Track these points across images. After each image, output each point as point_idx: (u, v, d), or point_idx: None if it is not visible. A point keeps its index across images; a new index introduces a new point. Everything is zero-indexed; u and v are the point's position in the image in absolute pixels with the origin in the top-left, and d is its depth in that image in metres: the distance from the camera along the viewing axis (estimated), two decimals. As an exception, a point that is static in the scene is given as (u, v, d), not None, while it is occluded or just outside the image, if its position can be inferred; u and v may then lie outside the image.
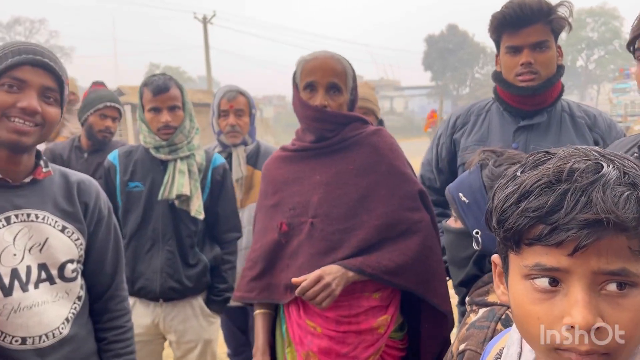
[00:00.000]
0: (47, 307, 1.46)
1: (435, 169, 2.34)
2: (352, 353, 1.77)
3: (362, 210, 1.81)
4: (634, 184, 0.68)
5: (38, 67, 1.39)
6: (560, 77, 2.05)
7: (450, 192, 1.41)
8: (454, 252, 1.40)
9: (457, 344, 1.21)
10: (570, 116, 2.08)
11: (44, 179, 1.51)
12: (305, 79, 1.84)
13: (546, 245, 0.69)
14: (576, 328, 0.67)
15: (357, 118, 1.92)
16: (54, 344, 1.47)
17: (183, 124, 2.42)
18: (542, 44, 1.98)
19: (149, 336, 2.47)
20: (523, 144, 2.03)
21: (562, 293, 0.70)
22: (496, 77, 2.13)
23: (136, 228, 2.40)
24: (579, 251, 0.67)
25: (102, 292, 1.66)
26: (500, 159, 1.34)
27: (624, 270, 0.67)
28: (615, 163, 0.71)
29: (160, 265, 2.38)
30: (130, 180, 2.43)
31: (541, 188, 0.70)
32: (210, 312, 2.52)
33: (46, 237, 1.47)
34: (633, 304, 0.68)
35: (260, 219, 1.98)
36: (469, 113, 2.25)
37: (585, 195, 0.67)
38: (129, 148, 2.55)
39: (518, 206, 0.71)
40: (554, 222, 0.67)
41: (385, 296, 1.84)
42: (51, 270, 1.48)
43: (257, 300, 1.91)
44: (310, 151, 1.90)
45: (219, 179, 2.52)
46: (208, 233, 2.54)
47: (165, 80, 2.40)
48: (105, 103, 3.26)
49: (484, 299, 1.27)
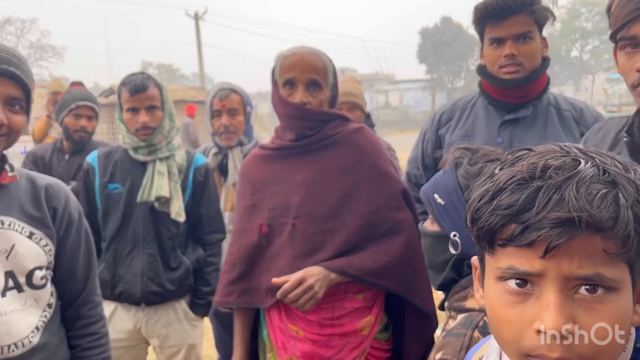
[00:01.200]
0: (15, 315, 1.42)
1: (421, 165, 2.30)
2: (337, 356, 1.73)
3: (345, 211, 1.76)
4: (614, 183, 0.64)
5: (3, 77, 1.35)
6: (545, 69, 2.01)
7: (426, 193, 1.35)
8: (431, 255, 1.36)
9: (434, 353, 1.17)
10: (556, 109, 2.04)
11: (9, 183, 1.47)
12: (284, 75, 1.79)
13: (518, 246, 0.66)
14: (547, 333, 0.64)
15: (339, 115, 1.87)
16: (24, 354, 1.43)
17: (162, 124, 2.36)
18: (525, 34, 1.94)
19: (131, 341, 2.42)
20: (508, 139, 1.98)
21: (534, 296, 0.67)
22: (480, 70, 2.10)
23: (116, 231, 2.34)
24: (551, 252, 0.63)
25: (74, 298, 1.61)
26: (475, 156, 1.29)
27: (598, 275, 0.63)
28: (596, 160, 0.67)
29: (141, 269, 2.32)
30: (109, 182, 2.38)
31: (514, 185, 0.66)
32: (194, 315, 2.47)
33: (12, 244, 1.42)
34: (609, 310, 0.64)
35: (238, 220, 1.91)
36: (454, 108, 2.21)
37: (558, 193, 0.63)
38: (109, 149, 2.48)
39: (490, 204, 0.68)
40: (525, 221, 0.64)
41: (369, 297, 1.80)
42: (19, 278, 1.44)
43: (236, 304, 1.85)
44: (290, 150, 1.85)
45: (200, 179, 2.46)
46: (191, 235, 2.49)
47: (143, 79, 2.33)
48: (77, 102, 3.21)
49: (462, 304, 1.23)
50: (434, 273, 1.36)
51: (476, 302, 1.19)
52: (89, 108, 3.25)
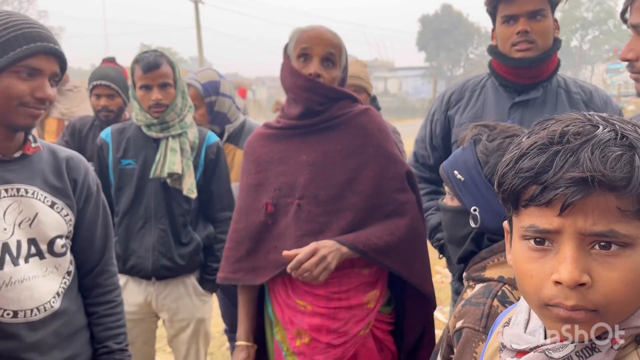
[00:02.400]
0: (37, 281, 1.47)
1: (429, 145, 2.31)
2: (343, 328, 1.78)
3: (350, 192, 1.79)
4: (631, 146, 0.69)
5: (50, 55, 1.41)
6: (556, 50, 2.03)
7: (445, 170, 1.38)
8: (451, 230, 1.38)
9: (454, 320, 1.20)
10: (566, 92, 2.06)
11: (33, 154, 1.51)
12: (300, 46, 1.80)
13: (538, 205, 0.71)
14: (563, 284, 0.70)
15: (348, 95, 1.89)
16: (45, 318, 1.48)
17: (175, 101, 2.39)
18: (538, 12, 1.95)
19: (141, 314, 2.46)
20: (518, 120, 1.99)
21: (553, 252, 0.73)
22: (492, 51, 2.10)
23: (129, 206, 2.38)
24: (567, 209, 0.69)
25: (91, 267, 1.66)
26: (493, 132, 1.31)
27: (611, 232, 0.68)
28: (616, 127, 0.71)
29: (153, 244, 2.36)
30: (122, 157, 2.40)
31: (536, 150, 0.72)
32: (203, 291, 2.52)
33: (36, 212, 1.47)
34: (624, 264, 0.69)
35: (242, 197, 1.94)
36: (464, 89, 2.22)
37: (574, 156, 0.69)
38: (122, 125, 2.51)
39: (514, 168, 0.74)
40: (543, 181, 0.70)
41: (373, 272, 1.84)
42: (41, 245, 1.48)
43: (242, 282, 1.89)
44: (296, 129, 1.86)
45: (212, 157, 2.49)
46: (202, 212, 2.52)
47: (156, 56, 2.36)
48: (93, 83, 3.21)
49: (481, 274, 1.26)
50: (453, 247, 1.39)
51: (494, 272, 1.23)
52: (106, 87, 3.23)
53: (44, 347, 1.48)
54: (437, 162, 2.28)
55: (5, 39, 1.35)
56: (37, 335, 1.46)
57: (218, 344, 3.93)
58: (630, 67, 1.42)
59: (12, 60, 1.34)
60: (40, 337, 1.47)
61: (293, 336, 1.80)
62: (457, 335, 1.16)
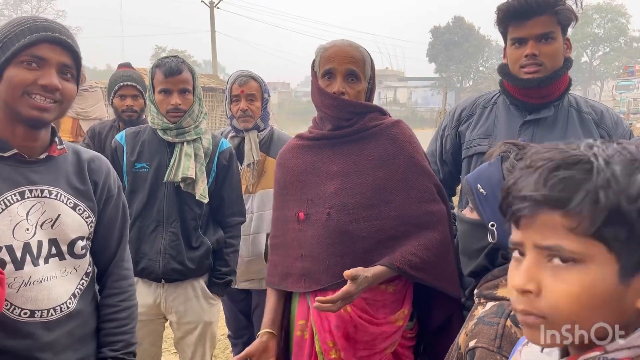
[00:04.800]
0: (55, 282, 1.48)
1: (439, 160, 2.33)
2: (372, 342, 1.80)
3: (380, 201, 1.81)
4: (592, 171, 0.73)
5: (56, 45, 1.41)
6: (567, 70, 2.03)
7: (469, 182, 1.39)
8: (467, 242, 1.39)
9: (466, 339, 1.20)
10: (577, 111, 2.06)
11: (58, 156, 1.53)
12: (323, 66, 1.84)
13: (510, 220, 0.80)
14: (513, 290, 0.78)
15: (376, 108, 1.92)
16: (61, 318, 1.49)
17: (192, 107, 2.43)
18: (547, 35, 1.95)
19: (150, 316, 2.49)
20: (529, 139, 1.99)
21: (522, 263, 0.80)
22: (502, 70, 2.10)
23: (141, 209, 2.41)
24: (520, 223, 0.77)
25: (103, 269, 1.68)
26: (521, 152, 1.30)
27: (558, 247, 0.74)
28: (594, 150, 0.75)
29: (164, 247, 2.40)
30: (137, 161, 2.44)
31: (517, 172, 0.80)
32: (211, 294, 2.55)
33: (58, 214, 1.49)
34: (572, 278, 0.74)
35: (278, 207, 2.00)
36: (475, 105, 2.23)
37: (530, 177, 0.76)
38: (137, 129, 2.55)
39: (502, 186, 0.83)
40: (509, 199, 0.79)
41: (398, 289, 1.85)
42: (61, 246, 1.50)
43: (277, 287, 1.93)
44: (328, 140, 1.90)
45: (225, 163, 2.53)
46: (212, 216, 2.56)
47: (178, 62, 2.40)
48: (120, 84, 3.36)
49: (493, 292, 1.26)
50: (466, 259, 1.40)
51: (507, 292, 1.21)
52: (132, 87, 3.39)
53: (58, 347, 1.49)
54: (447, 176, 2.31)
55: (14, 34, 1.38)
56: (52, 335, 1.47)
57: (223, 346, 3.96)
58: None
59: (17, 50, 1.36)
60: (55, 337, 1.48)
61: (328, 347, 1.81)
62: (471, 355, 1.16)
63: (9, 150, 1.44)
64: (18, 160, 1.45)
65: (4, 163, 1.44)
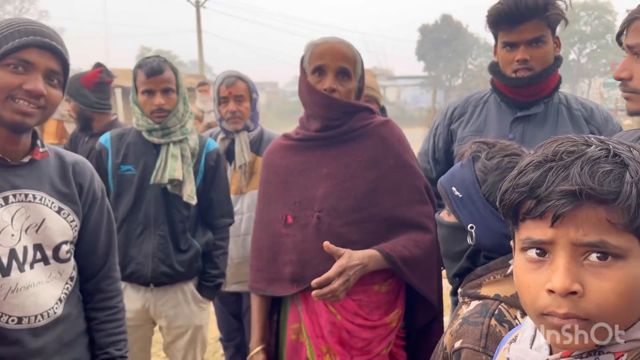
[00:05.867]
0: (41, 287, 1.47)
1: (432, 159, 2.33)
2: (367, 347, 1.78)
3: (370, 204, 1.78)
4: (623, 163, 0.72)
5: (45, 50, 1.39)
6: (557, 68, 2.04)
7: (443, 185, 1.37)
8: (447, 245, 1.38)
9: (451, 339, 1.19)
10: (567, 108, 2.07)
11: (41, 159, 1.51)
12: (314, 62, 1.80)
13: (533, 218, 0.75)
14: (556, 292, 0.72)
15: (365, 108, 1.89)
16: (48, 324, 1.49)
17: (176, 107, 2.39)
18: (538, 39, 1.96)
19: (138, 321, 2.45)
20: (520, 135, 2.02)
21: (548, 263, 0.75)
22: (492, 69, 2.11)
23: (128, 212, 2.38)
24: (558, 221, 0.72)
25: (94, 272, 1.66)
26: (492, 150, 1.30)
27: (602, 242, 0.71)
28: (610, 146, 0.75)
29: (152, 250, 2.36)
30: (122, 163, 2.40)
31: (532, 167, 0.76)
32: (201, 297, 2.51)
33: (43, 218, 1.47)
34: (615, 275, 0.71)
35: (262, 208, 1.95)
36: (467, 104, 2.24)
37: (565, 171, 0.73)
38: (121, 131, 2.51)
39: (512, 184, 0.79)
40: (537, 195, 0.74)
41: (391, 289, 1.84)
42: (46, 251, 1.49)
43: (264, 292, 1.90)
44: (316, 141, 1.86)
45: (212, 164, 2.50)
46: (200, 218, 2.52)
47: (160, 62, 2.37)
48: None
49: (476, 291, 1.25)
50: (449, 262, 1.39)
51: (490, 290, 1.22)
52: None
53: (46, 353, 1.48)
54: (440, 175, 2.26)
55: (3, 36, 1.35)
56: (40, 341, 1.46)
57: (212, 350, 3.93)
58: (622, 86, 1.46)
59: (3, 53, 1.34)
60: (43, 343, 1.47)
61: (322, 352, 1.79)
62: (457, 356, 1.15)
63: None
64: (0, 165, 1.43)
65: None
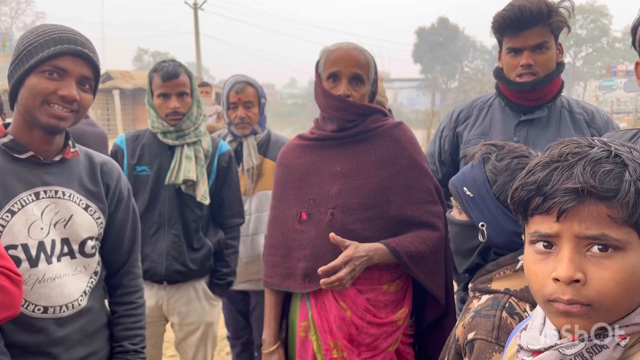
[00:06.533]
0: (67, 279, 1.55)
1: (438, 161, 2.41)
2: (374, 343, 1.85)
3: (382, 202, 1.85)
4: (623, 163, 0.80)
5: (78, 57, 1.47)
6: (559, 74, 2.11)
7: (454, 185, 1.44)
8: (459, 243, 1.44)
9: (463, 331, 1.25)
10: (569, 112, 2.15)
11: (71, 158, 1.59)
12: (329, 68, 1.88)
13: (541, 213, 0.84)
14: (560, 280, 0.80)
15: (378, 110, 1.96)
16: (73, 315, 1.56)
17: (191, 110, 2.46)
18: (541, 45, 2.04)
19: (151, 318, 2.50)
20: (524, 138, 2.09)
21: (554, 254, 0.84)
22: (497, 74, 2.19)
23: (143, 212, 2.43)
24: (562, 216, 0.80)
25: (118, 268, 1.74)
26: (501, 152, 1.37)
27: (603, 235, 0.79)
28: (611, 147, 0.83)
29: (166, 249, 2.43)
30: (137, 164, 2.47)
31: (539, 167, 0.85)
32: (212, 295, 2.58)
33: (71, 214, 1.55)
34: (615, 265, 0.79)
35: (277, 206, 2.01)
36: (472, 107, 2.31)
37: (569, 170, 0.81)
38: (137, 132, 2.58)
39: (522, 183, 0.87)
40: (544, 193, 0.83)
41: (399, 288, 1.90)
42: (73, 245, 1.56)
43: (278, 288, 1.95)
44: (330, 140, 1.93)
45: (224, 165, 2.57)
46: (212, 218, 2.59)
47: (175, 66, 2.43)
48: None
49: (487, 286, 1.32)
50: (460, 258, 1.45)
51: (501, 285, 1.29)
52: None
53: (69, 343, 1.55)
54: (445, 176, 2.37)
55: (38, 43, 1.43)
56: (64, 330, 1.54)
57: (219, 348, 3.98)
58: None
59: (40, 60, 1.42)
60: (67, 332, 1.55)
61: (329, 347, 1.84)
62: (470, 347, 1.21)
63: (25, 153, 1.50)
64: (33, 162, 1.51)
65: (20, 165, 1.50)
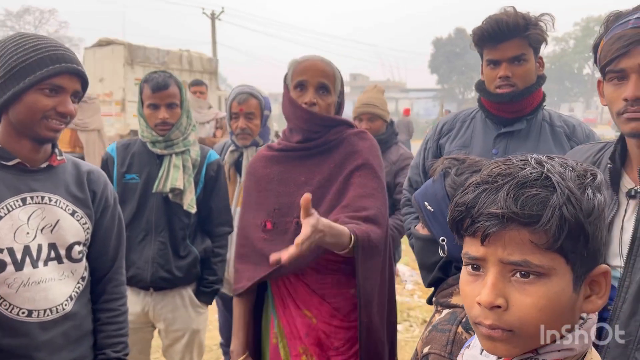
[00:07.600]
0: (53, 284, 1.58)
1: (422, 172, 2.43)
2: (344, 347, 1.86)
3: (338, 201, 1.88)
4: (552, 187, 0.78)
5: (73, 75, 1.55)
6: (539, 86, 2.13)
7: (417, 199, 1.44)
8: (422, 257, 1.46)
9: (422, 345, 1.27)
10: (550, 125, 2.16)
11: (58, 166, 1.65)
12: (296, 78, 1.91)
13: (470, 235, 0.83)
14: (482, 305, 0.80)
15: (344, 122, 1.99)
16: (57, 319, 1.59)
17: (180, 120, 2.51)
18: (519, 57, 2.06)
19: (138, 324, 2.54)
20: (503, 150, 2.11)
21: (482, 277, 0.83)
22: (479, 87, 2.22)
23: (130, 219, 2.48)
24: (486, 240, 0.80)
25: (102, 275, 1.77)
26: (461, 167, 1.37)
27: (525, 262, 0.78)
28: (545, 168, 0.80)
29: (152, 255, 2.46)
30: (126, 172, 2.51)
31: (472, 187, 0.83)
32: (199, 302, 2.61)
33: (57, 219, 1.60)
34: (537, 291, 0.78)
35: (244, 216, 2.03)
36: (455, 120, 2.34)
37: (495, 194, 0.79)
38: (127, 141, 2.63)
39: (455, 202, 0.86)
40: (472, 215, 0.82)
41: None
42: (60, 250, 1.61)
43: (247, 286, 1.94)
44: (295, 152, 1.97)
45: (212, 174, 2.60)
46: (200, 226, 2.62)
47: (165, 77, 2.48)
48: None
49: (447, 300, 1.33)
50: (425, 272, 1.46)
51: (460, 300, 1.29)
52: None
53: (53, 347, 1.58)
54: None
55: (34, 60, 1.49)
56: (48, 335, 1.57)
57: (215, 356, 4.00)
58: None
59: (39, 79, 1.49)
60: (51, 337, 1.57)
61: (299, 353, 1.86)
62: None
63: (12, 160, 1.56)
64: (20, 169, 1.57)
65: (7, 172, 1.56)
